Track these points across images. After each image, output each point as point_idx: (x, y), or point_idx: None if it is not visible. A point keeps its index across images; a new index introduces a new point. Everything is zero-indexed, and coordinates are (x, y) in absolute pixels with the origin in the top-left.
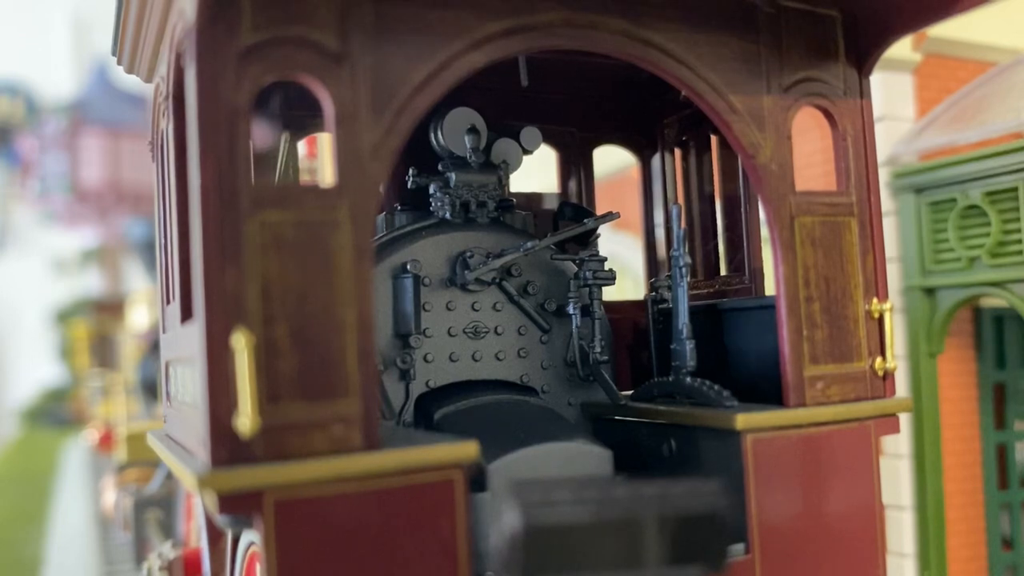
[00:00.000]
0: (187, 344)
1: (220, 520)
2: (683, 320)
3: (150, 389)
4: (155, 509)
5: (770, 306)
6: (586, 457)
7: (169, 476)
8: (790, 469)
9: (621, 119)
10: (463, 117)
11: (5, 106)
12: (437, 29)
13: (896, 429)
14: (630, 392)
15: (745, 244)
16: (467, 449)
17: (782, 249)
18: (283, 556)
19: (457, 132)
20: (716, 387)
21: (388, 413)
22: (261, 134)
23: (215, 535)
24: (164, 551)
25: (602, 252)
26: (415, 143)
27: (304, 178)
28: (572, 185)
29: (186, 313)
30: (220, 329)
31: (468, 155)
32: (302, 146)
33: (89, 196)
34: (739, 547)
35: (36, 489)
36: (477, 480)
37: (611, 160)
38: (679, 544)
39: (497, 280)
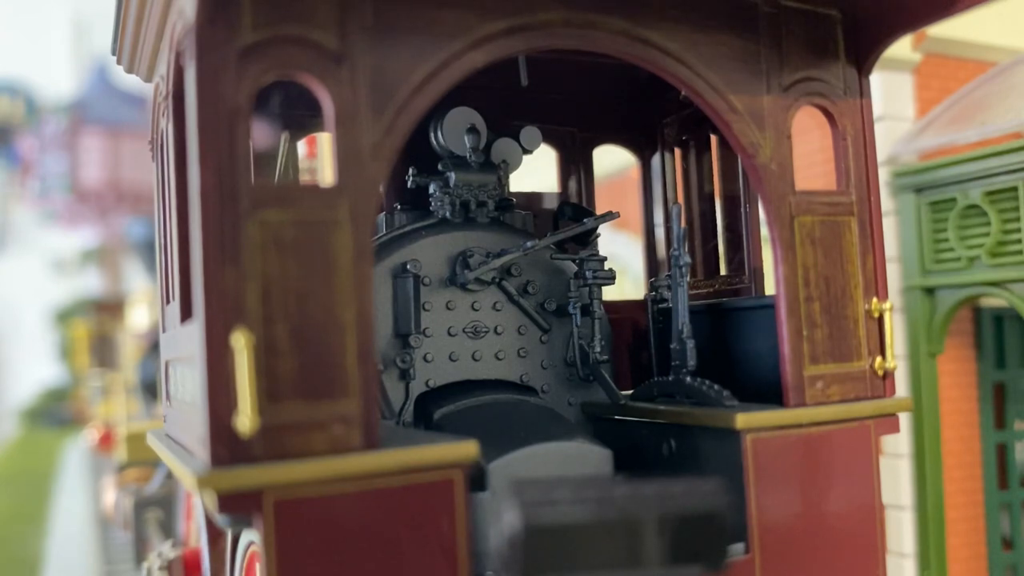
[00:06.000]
0: (187, 344)
1: (220, 520)
2: (683, 320)
3: (150, 389)
4: (155, 509)
5: (770, 306)
6: (586, 457)
7: (169, 476)
8: (790, 469)
9: (621, 119)
10: (463, 117)
11: (5, 106)
12: (437, 29)
13: (896, 429)
14: (630, 392)
15: (745, 244)
16: (467, 449)
17: (782, 249)
18: (283, 556)
19: (457, 132)
20: (716, 387)
21: (388, 413)
22: (261, 134)
23: (215, 535)
24: (164, 551)
25: (602, 252)
26: (415, 143)
27: (304, 178)
28: (572, 185)
29: (186, 313)
30: (220, 329)
31: (468, 155)
32: (302, 146)
33: (89, 196)
34: (739, 547)
35: (36, 489)
36: (477, 480)
37: (611, 160)
38: (679, 544)
39: (497, 280)
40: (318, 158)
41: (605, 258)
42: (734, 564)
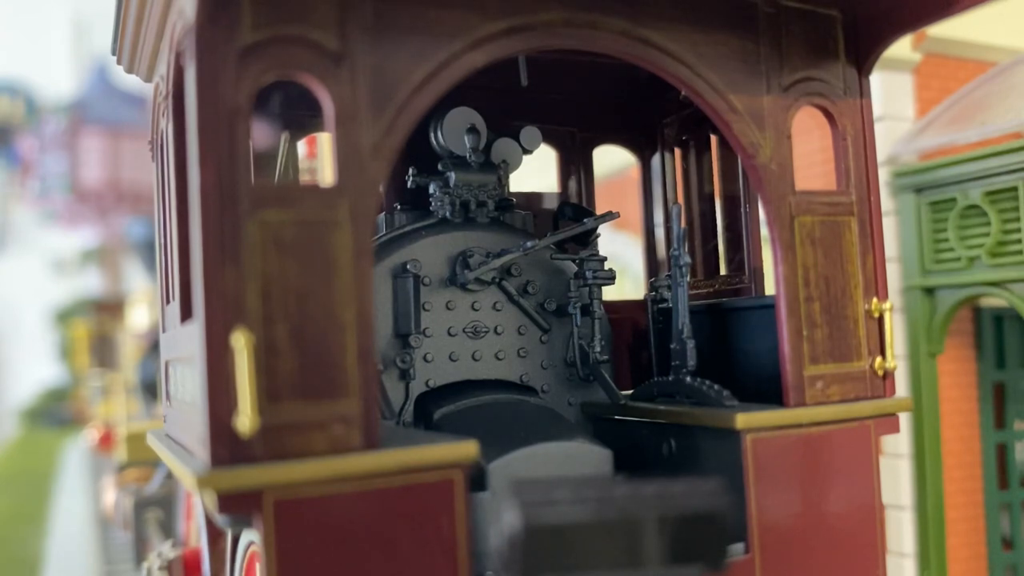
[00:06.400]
0: (187, 344)
1: (220, 520)
2: (683, 320)
3: (150, 389)
4: (155, 509)
5: (770, 306)
6: (586, 457)
7: (169, 476)
8: (790, 469)
9: (621, 119)
10: (463, 117)
11: (5, 106)
12: (437, 29)
13: (896, 429)
14: (630, 392)
15: (745, 244)
16: (467, 449)
17: (782, 249)
18: (283, 556)
19: (457, 132)
20: (716, 387)
21: (388, 413)
22: (261, 134)
23: (215, 535)
24: (164, 551)
25: (602, 252)
26: (415, 143)
27: (304, 178)
28: (572, 185)
29: (186, 313)
30: (220, 329)
31: (468, 155)
32: (302, 146)
33: (89, 196)
34: (739, 547)
35: (36, 489)
36: (477, 480)
37: (611, 160)
38: (679, 544)
39: (497, 280)
40: (318, 158)
41: (605, 258)
42: (734, 564)
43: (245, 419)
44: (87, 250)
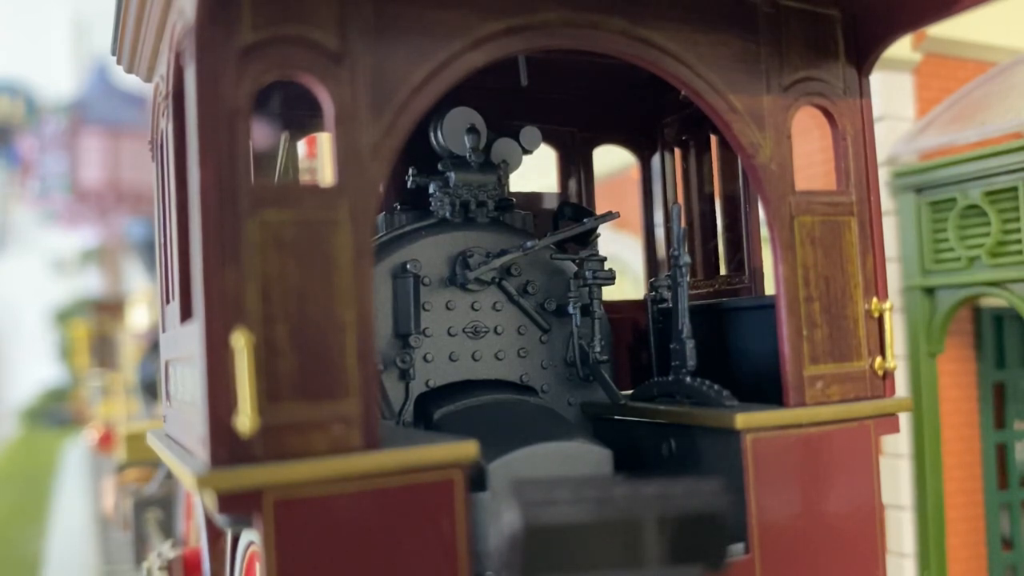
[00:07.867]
0: (187, 344)
1: (220, 520)
2: (683, 320)
3: (150, 389)
4: (155, 509)
5: (770, 306)
6: (586, 457)
7: (169, 476)
8: (790, 469)
9: (621, 119)
10: (463, 117)
11: (5, 106)
12: (437, 29)
13: (896, 429)
14: (630, 392)
15: (745, 244)
16: (467, 449)
17: (782, 249)
18: (283, 556)
19: (457, 132)
20: (716, 387)
21: (388, 413)
22: (261, 134)
23: (215, 535)
24: (164, 551)
25: (602, 252)
26: (415, 143)
27: (304, 178)
28: (572, 185)
29: (186, 313)
30: (220, 329)
31: (468, 155)
32: (302, 146)
33: (89, 196)
34: (739, 547)
35: (36, 489)
36: (477, 480)
37: (611, 160)
38: (679, 544)
39: (497, 280)
40: (318, 158)
41: (605, 258)
42: (734, 564)
43: (245, 419)
44: (87, 250)
